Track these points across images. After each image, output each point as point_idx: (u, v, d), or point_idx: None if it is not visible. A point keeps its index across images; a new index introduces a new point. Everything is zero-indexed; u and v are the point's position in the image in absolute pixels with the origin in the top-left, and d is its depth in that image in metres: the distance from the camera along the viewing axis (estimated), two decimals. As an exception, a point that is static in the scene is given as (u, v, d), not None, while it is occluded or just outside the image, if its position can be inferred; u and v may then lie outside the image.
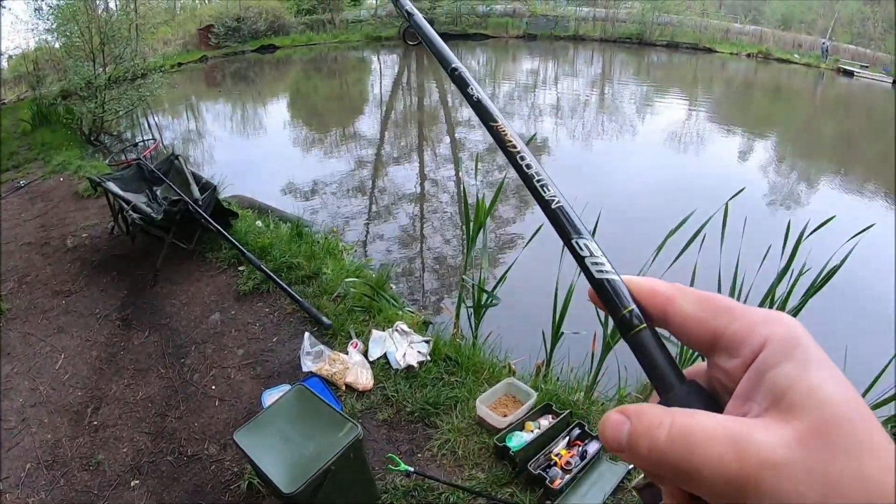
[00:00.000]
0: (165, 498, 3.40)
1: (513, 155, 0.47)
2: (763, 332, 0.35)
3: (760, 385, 0.34)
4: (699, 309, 0.39)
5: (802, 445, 0.30)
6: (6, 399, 4.33)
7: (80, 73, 12.00)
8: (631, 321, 0.39)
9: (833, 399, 0.31)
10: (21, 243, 7.01)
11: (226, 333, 4.76)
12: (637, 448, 0.34)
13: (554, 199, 0.44)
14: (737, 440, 0.31)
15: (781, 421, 0.32)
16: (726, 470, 0.31)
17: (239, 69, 25.79)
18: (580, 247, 0.42)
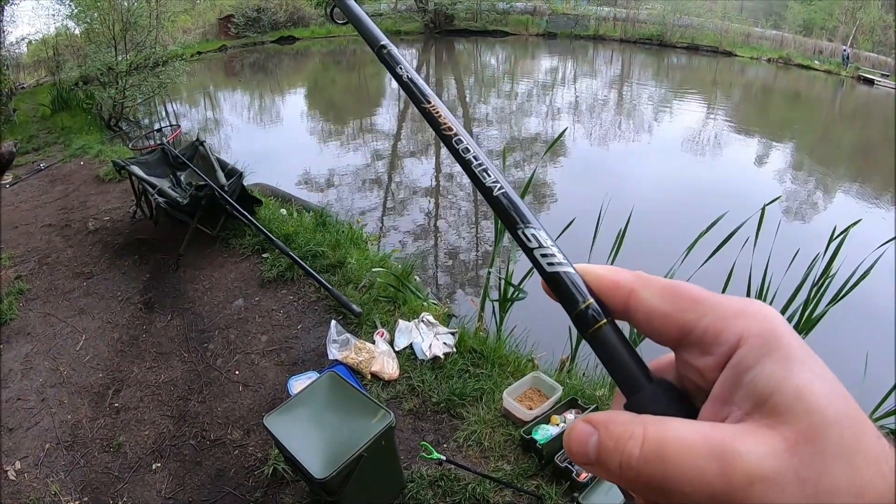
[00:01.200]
0: (187, 482, 3.36)
1: (448, 138, 0.43)
2: (738, 327, 0.32)
3: (739, 387, 0.30)
4: (664, 301, 0.35)
5: (793, 454, 0.27)
6: (26, 379, 4.29)
7: (101, 59, 12.02)
8: (589, 317, 0.35)
9: (822, 401, 0.28)
10: (41, 225, 6.99)
11: (249, 319, 4.71)
12: (607, 464, 0.31)
13: (496, 184, 0.40)
14: (720, 452, 0.28)
15: (767, 427, 0.28)
16: (710, 486, 0.27)
17: (258, 59, 25.83)
18: (528, 237, 0.38)
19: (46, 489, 3.37)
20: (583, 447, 0.31)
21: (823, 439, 0.27)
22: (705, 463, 0.28)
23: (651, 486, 0.29)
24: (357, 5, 0.58)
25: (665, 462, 0.28)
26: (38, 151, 10.37)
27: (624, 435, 0.30)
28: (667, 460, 0.28)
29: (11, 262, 6.04)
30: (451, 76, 21.11)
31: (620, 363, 0.34)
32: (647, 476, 0.29)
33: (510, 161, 10.84)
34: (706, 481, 0.28)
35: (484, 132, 13.73)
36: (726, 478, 0.27)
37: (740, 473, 0.27)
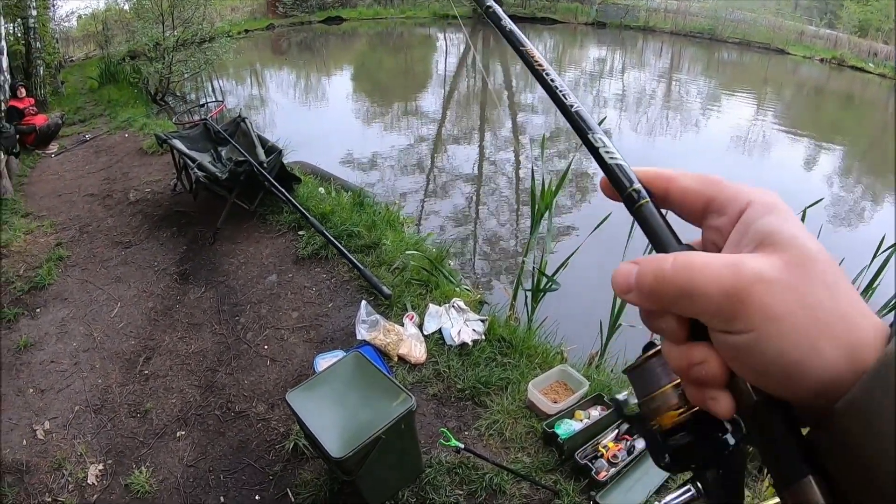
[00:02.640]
0: (209, 451, 3.40)
1: (539, 73, 0.54)
2: (748, 195, 0.41)
3: (747, 233, 0.39)
4: (695, 182, 0.44)
5: (787, 269, 0.35)
6: (60, 342, 4.38)
7: (149, 34, 12.17)
8: (636, 196, 0.44)
9: (809, 244, 0.36)
10: (84, 194, 7.13)
11: (281, 295, 4.73)
12: (643, 280, 0.38)
13: (573, 105, 0.50)
14: (732, 262, 0.36)
15: (768, 254, 0.36)
16: (724, 283, 0.35)
17: (305, 39, 25.90)
18: (595, 140, 0.47)
19: (73, 450, 3.44)
20: (626, 277, 0.40)
21: (811, 267, 0.35)
22: (721, 269, 0.36)
23: (678, 291, 0.37)
24: None
25: (691, 269, 0.36)
26: (85, 123, 10.57)
27: (660, 258, 0.39)
28: (692, 269, 0.36)
29: (53, 230, 6.17)
30: (498, 62, 20.89)
31: (658, 230, 0.43)
32: (675, 281, 0.37)
33: (554, 150, 10.72)
34: (721, 280, 0.35)
35: (529, 119, 13.58)
36: (736, 277, 0.35)
37: (747, 274, 0.35)
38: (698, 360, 0.38)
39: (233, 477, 3.20)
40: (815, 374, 0.34)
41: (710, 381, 0.38)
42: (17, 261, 5.50)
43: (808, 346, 0.34)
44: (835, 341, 0.34)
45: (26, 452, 3.45)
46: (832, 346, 0.34)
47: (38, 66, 11.81)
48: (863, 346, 0.34)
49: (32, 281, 5.11)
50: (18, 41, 11.67)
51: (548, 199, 4.47)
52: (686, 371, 0.39)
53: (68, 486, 3.23)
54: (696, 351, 0.38)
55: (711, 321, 0.36)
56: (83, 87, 13.76)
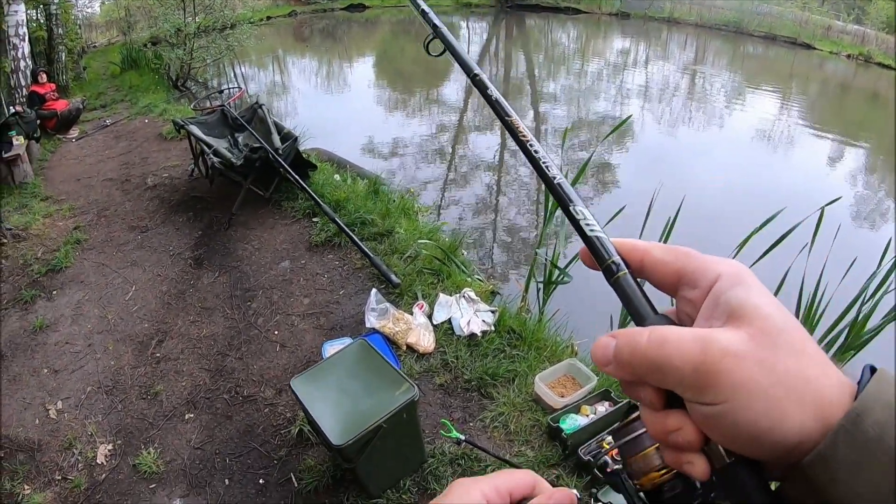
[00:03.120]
0: (216, 434, 3.43)
1: (523, 143, 0.57)
2: (717, 268, 0.43)
3: (717, 306, 0.41)
4: (667, 255, 0.46)
5: (754, 342, 0.37)
6: (75, 324, 4.45)
7: (171, 20, 12.23)
8: (614, 269, 0.46)
9: (774, 314, 0.39)
10: (103, 178, 7.22)
11: (294, 281, 4.75)
12: (621, 354, 0.41)
13: (555, 177, 0.53)
14: (702, 337, 0.38)
15: (736, 327, 0.39)
16: (694, 358, 0.37)
17: (327, 26, 25.92)
18: (576, 212, 0.50)
19: (83, 430, 3.50)
20: (605, 350, 0.42)
21: (777, 337, 0.38)
22: (692, 345, 0.38)
23: (651, 366, 0.39)
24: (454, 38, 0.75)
25: (664, 345, 0.39)
26: (106, 108, 10.68)
27: (635, 333, 0.41)
28: (665, 344, 0.39)
29: (72, 213, 6.26)
30: (521, 52, 20.79)
31: (635, 300, 0.45)
32: (650, 357, 0.39)
33: (575, 142, 10.66)
34: (692, 355, 0.38)
35: (551, 110, 13.49)
36: (705, 353, 0.37)
37: (716, 349, 0.37)
38: (674, 428, 0.40)
39: (238, 460, 3.24)
40: (783, 436, 0.37)
41: (686, 446, 0.40)
42: (35, 244, 5.59)
43: (776, 414, 0.36)
44: (802, 406, 0.36)
45: (38, 431, 3.52)
46: (800, 411, 0.36)
47: (60, 52, 11.93)
48: (830, 405, 0.37)
49: (50, 264, 5.19)
50: (41, 27, 11.78)
51: (563, 191, 4.43)
52: (663, 437, 0.42)
53: (78, 465, 3.29)
54: (672, 419, 0.41)
55: (685, 393, 0.39)
56: (105, 72, 13.89)
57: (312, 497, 2.97)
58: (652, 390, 0.41)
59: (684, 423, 0.40)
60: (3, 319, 4.59)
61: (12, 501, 3.12)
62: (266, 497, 3.04)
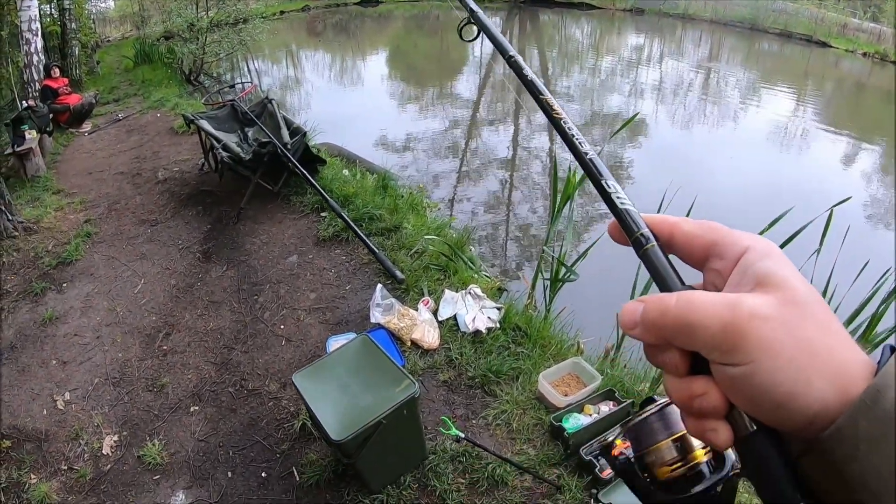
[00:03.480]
0: (221, 427, 3.46)
1: (557, 120, 0.59)
2: (746, 241, 0.44)
3: (746, 275, 0.42)
4: (698, 227, 0.47)
5: (782, 307, 0.38)
6: (84, 316, 4.50)
7: (184, 15, 12.29)
8: (643, 241, 0.47)
9: (803, 287, 0.40)
10: (114, 172, 7.28)
11: (301, 276, 4.77)
12: (648, 316, 0.42)
13: (587, 153, 0.55)
14: (730, 300, 0.39)
15: (764, 293, 0.39)
16: (723, 318, 0.38)
17: (340, 21, 25.93)
18: (608, 186, 0.52)
19: (90, 420, 3.55)
20: (632, 314, 0.43)
21: (804, 306, 0.39)
22: (720, 307, 0.39)
23: (680, 325, 0.40)
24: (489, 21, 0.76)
25: (692, 306, 0.40)
26: (118, 102, 10.75)
27: (664, 296, 0.42)
28: (693, 305, 0.40)
29: (83, 206, 6.31)
30: (534, 47, 20.67)
31: (663, 272, 0.45)
32: (679, 318, 0.40)
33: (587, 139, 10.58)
34: (720, 316, 0.38)
35: (565, 106, 13.35)
36: (734, 314, 0.38)
37: (744, 310, 0.38)
38: (699, 392, 0.41)
39: (241, 453, 3.26)
40: (805, 404, 0.37)
41: (711, 412, 0.41)
42: (46, 236, 5.64)
43: (799, 378, 0.37)
44: (824, 374, 0.37)
45: (46, 421, 3.56)
46: (822, 379, 0.37)
47: (74, 47, 12.00)
48: (851, 379, 0.37)
49: (60, 256, 5.24)
50: (54, 22, 11.88)
51: (570, 189, 4.43)
52: (688, 403, 0.42)
53: (84, 456, 3.33)
54: (698, 384, 0.41)
55: (711, 354, 0.39)
56: (119, 66, 13.98)
57: (313, 491, 2.98)
58: (678, 354, 0.42)
59: (710, 387, 0.40)
60: (13, 311, 4.65)
61: (19, 490, 3.16)
62: (268, 490, 3.06)
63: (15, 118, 7.48)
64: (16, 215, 5.74)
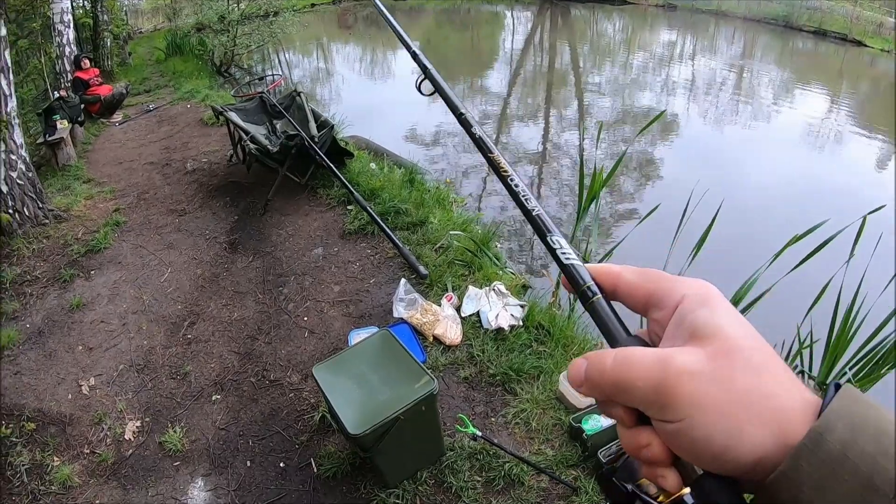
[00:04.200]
0: (241, 416, 3.49)
1: (504, 178, 0.59)
2: (682, 289, 0.44)
3: (681, 326, 0.42)
4: (638, 277, 0.48)
5: (711, 361, 0.39)
6: (111, 304, 4.55)
7: (215, 7, 12.39)
8: (589, 293, 0.48)
9: (736, 332, 0.40)
10: (144, 162, 7.36)
11: (325, 269, 4.78)
12: (591, 375, 0.43)
13: (534, 209, 0.56)
14: (662, 358, 0.40)
15: (695, 347, 0.40)
16: (653, 378, 0.39)
17: (371, 14, 25.88)
18: (553, 242, 0.52)
19: (113, 406, 3.60)
20: (578, 372, 0.44)
21: (736, 355, 0.39)
22: (652, 364, 0.40)
23: (618, 386, 0.41)
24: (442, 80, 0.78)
25: (627, 366, 0.41)
26: (150, 93, 10.89)
27: (604, 355, 0.43)
28: (628, 365, 0.41)
29: (112, 196, 6.40)
30: (566, 42, 20.54)
31: (608, 323, 0.47)
32: (615, 377, 0.41)
33: (618, 136, 10.53)
34: (652, 375, 0.39)
35: (595, 102, 13.28)
36: (664, 372, 0.39)
37: (674, 369, 0.39)
38: (644, 444, 0.42)
39: (261, 443, 3.28)
40: (741, 453, 0.37)
41: (656, 461, 0.42)
42: (76, 225, 5.73)
43: (733, 431, 0.37)
44: (760, 422, 0.37)
45: (70, 406, 3.62)
46: (757, 427, 0.37)
47: (106, 38, 12.17)
48: (790, 423, 0.37)
49: (89, 244, 5.32)
50: (87, 14, 12.02)
51: (597, 187, 4.39)
52: (636, 452, 0.43)
53: (106, 440, 3.38)
54: (643, 435, 0.42)
55: (648, 411, 0.41)
56: (150, 58, 14.14)
57: (330, 483, 2.99)
58: (623, 408, 0.43)
59: (652, 438, 0.41)
60: (42, 297, 4.72)
61: (41, 472, 3.21)
62: (285, 480, 3.07)
63: (47, 108, 7.60)
64: (46, 203, 5.83)
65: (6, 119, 5.28)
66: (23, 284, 4.89)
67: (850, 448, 0.34)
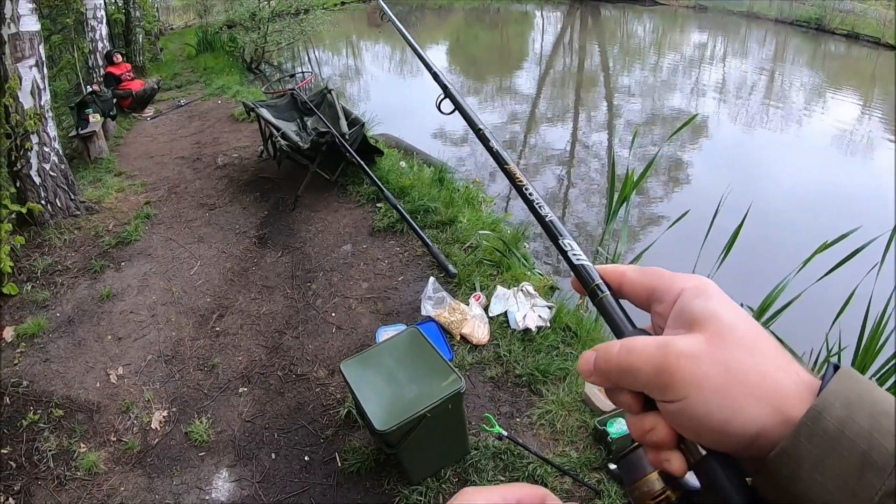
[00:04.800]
0: (267, 409, 3.51)
1: (519, 187, 0.62)
2: (681, 284, 0.47)
3: (681, 316, 0.45)
4: (640, 275, 0.51)
5: (708, 343, 0.41)
6: (141, 295, 4.61)
7: (246, 5, 12.49)
8: (597, 290, 0.51)
9: (730, 318, 0.43)
10: (175, 157, 7.43)
11: (354, 265, 4.79)
12: (599, 364, 0.46)
13: (547, 215, 0.58)
14: (662, 343, 0.42)
15: (693, 333, 0.43)
16: (654, 361, 0.42)
17: (401, 12, 25.91)
18: (565, 245, 0.55)
19: (141, 395, 3.65)
20: (587, 362, 0.47)
21: (730, 337, 0.41)
22: (654, 349, 0.42)
23: (622, 369, 0.44)
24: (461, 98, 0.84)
25: (630, 353, 0.43)
26: (181, 89, 10.99)
27: (610, 345, 0.45)
28: (632, 352, 0.43)
29: (143, 189, 6.48)
30: (595, 43, 20.41)
31: (616, 318, 0.49)
32: (620, 363, 0.44)
33: (647, 139, 10.44)
34: (653, 359, 0.42)
35: (625, 104, 13.19)
36: (665, 356, 0.41)
37: (673, 352, 0.41)
38: (649, 427, 0.44)
39: (286, 436, 3.30)
40: (740, 427, 0.39)
41: (662, 444, 0.44)
42: (107, 217, 5.80)
43: (731, 406, 0.39)
44: (756, 398, 0.39)
45: (98, 394, 3.68)
46: (753, 403, 0.39)
47: (138, 34, 12.31)
48: (787, 399, 0.39)
49: (120, 236, 5.39)
50: (119, 10, 12.16)
51: (628, 189, 4.35)
52: (642, 437, 0.45)
53: (133, 429, 3.43)
54: (648, 420, 0.44)
55: (651, 393, 0.43)
56: (181, 54, 14.28)
57: (354, 478, 3.00)
58: (629, 395, 0.45)
59: (657, 422, 0.44)
60: (72, 287, 4.79)
61: (68, 458, 3.26)
62: (309, 473, 3.09)
63: (80, 102, 7.70)
64: (78, 195, 5.92)
65: (40, 112, 5.36)
66: (54, 274, 4.97)
67: (847, 425, 0.36)
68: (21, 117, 5.17)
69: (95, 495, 3.08)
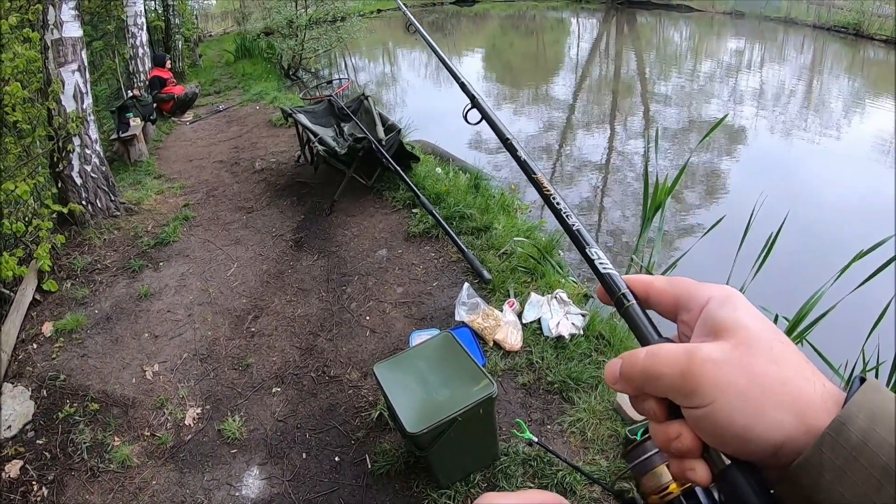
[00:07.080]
0: (300, 409, 3.54)
1: (547, 196, 0.64)
2: (708, 293, 0.48)
3: (707, 324, 0.46)
4: (667, 285, 0.51)
5: (734, 350, 0.42)
6: (178, 294, 4.69)
7: (283, 12, 12.68)
8: (623, 300, 0.52)
9: (756, 327, 0.43)
10: (214, 160, 7.56)
11: (389, 270, 4.81)
12: (624, 370, 0.46)
13: (574, 224, 0.59)
14: (688, 349, 0.43)
15: (719, 340, 0.43)
16: (680, 366, 0.42)
17: (436, 20, 26.12)
18: (592, 254, 0.56)
19: (175, 392, 3.71)
20: (614, 370, 0.47)
21: (756, 345, 0.42)
22: (679, 355, 0.43)
23: (647, 375, 0.44)
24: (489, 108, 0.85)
25: (656, 357, 0.44)
26: (219, 94, 11.22)
27: (636, 352, 0.46)
28: (658, 358, 0.44)
29: (182, 191, 6.61)
30: (632, 50, 20.28)
31: (642, 327, 0.50)
32: (645, 368, 0.44)
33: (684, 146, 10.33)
34: (679, 365, 0.42)
35: (661, 111, 13.08)
36: (690, 361, 0.42)
37: (699, 357, 0.42)
38: (674, 435, 0.44)
39: (318, 436, 3.32)
40: (763, 434, 0.40)
41: (686, 452, 0.44)
42: (146, 218, 5.92)
43: (754, 412, 0.40)
44: (779, 406, 0.40)
45: (134, 390, 3.75)
46: (777, 409, 0.40)
47: (177, 41, 12.63)
48: (811, 408, 0.40)
49: (159, 237, 5.50)
50: (159, 17, 12.45)
51: (661, 197, 4.30)
52: (667, 445, 0.46)
53: (167, 424, 3.49)
54: (673, 427, 0.45)
55: (676, 398, 0.44)
56: (220, 60, 14.56)
57: (383, 480, 3.01)
58: (654, 402, 0.46)
59: (683, 430, 0.44)
60: (111, 285, 4.91)
61: (101, 451, 3.34)
62: (339, 474, 3.10)
63: (121, 106, 7.88)
64: (118, 196, 6.05)
65: (82, 115, 5.49)
66: (93, 272, 5.08)
67: (870, 437, 0.36)
68: (63, 120, 5.30)
69: (127, 487, 3.14)
